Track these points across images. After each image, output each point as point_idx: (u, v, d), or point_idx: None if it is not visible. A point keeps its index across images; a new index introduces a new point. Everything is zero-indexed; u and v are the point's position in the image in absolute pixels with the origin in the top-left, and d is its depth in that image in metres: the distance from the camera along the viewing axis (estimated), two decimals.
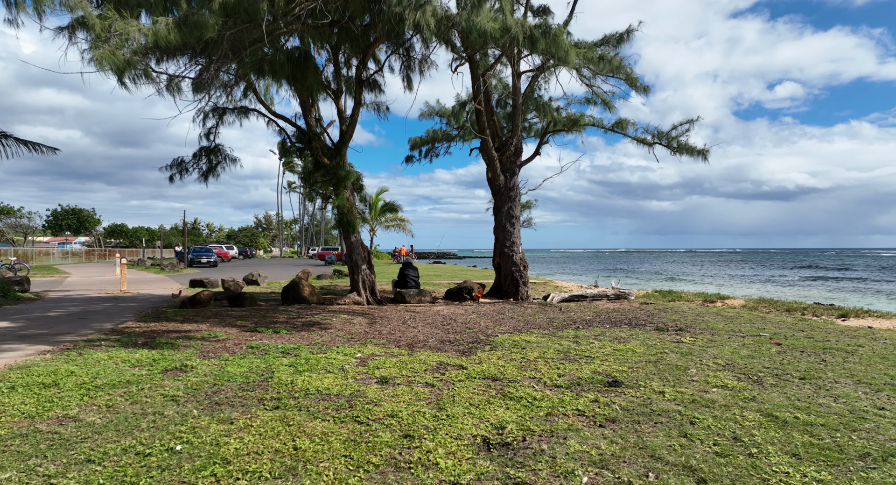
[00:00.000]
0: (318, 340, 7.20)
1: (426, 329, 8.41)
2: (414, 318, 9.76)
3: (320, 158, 12.24)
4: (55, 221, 63.95)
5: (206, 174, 13.06)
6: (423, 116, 16.96)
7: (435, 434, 3.52)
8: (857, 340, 7.52)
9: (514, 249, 13.24)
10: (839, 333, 8.23)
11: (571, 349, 6.68)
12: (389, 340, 7.26)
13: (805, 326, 9.22)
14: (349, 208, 12.22)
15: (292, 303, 11.62)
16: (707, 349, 6.74)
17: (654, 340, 7.42)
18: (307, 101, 12.36)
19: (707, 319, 9.93)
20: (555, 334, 7.95)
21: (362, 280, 12.32)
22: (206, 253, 36.54)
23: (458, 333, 8.02)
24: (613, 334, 7.96)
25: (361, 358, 6.09)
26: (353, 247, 12.40)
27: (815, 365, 5.82)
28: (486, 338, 7.60)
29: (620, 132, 12.81)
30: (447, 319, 9.63)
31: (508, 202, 13.10)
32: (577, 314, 10.49)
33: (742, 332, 8.31)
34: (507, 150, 12.60)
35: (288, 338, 7.39)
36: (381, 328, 8.44)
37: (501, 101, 14.62)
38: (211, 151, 13.00)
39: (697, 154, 12.21)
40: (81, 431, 3.55)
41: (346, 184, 11.97)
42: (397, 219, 50.64)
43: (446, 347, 6.82)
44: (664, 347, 6.91)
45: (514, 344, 7.10)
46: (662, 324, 9.18)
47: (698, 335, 7.96)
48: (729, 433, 3.58)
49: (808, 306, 13.00)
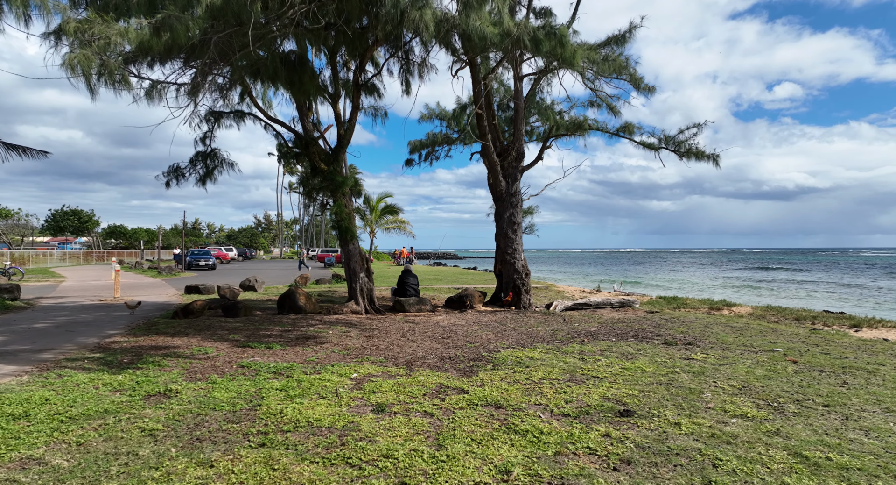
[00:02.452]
0: (312, 358, 6.88)
1: (426, 343, 8.09)
2: (413, 330, 9.44)
3: (318, 163, 11.92)
4: (55, 222, 63.58)
5: (204, 179, 12.74)
6: (424, 119, 16.65)
7: (434, 481, 3.20)
8: (877, 357, 7.20)
9: (516, 256, 12.92)
10: (856, 348, 7.91)
11: (578, 368, 6.36)
12: (387, 357, 6.93)
13: (819, 339, 8.89)
14: (347, 215, 11.90)
15: (288, 312, 11.30)
16: (720, 368, 6.42)
17: (663, 357, 7.10)
18: (304, 104, 12.04)
19: (716, 330, 9.61)
20: (559, 350, 7.64)
21: (360, 289, 12.00)
22: (205, 256, 36.21)
23: (459, 349, 7.70)
24: (620, 350, 7.64)
25: (357, 379, 5.76)
26: (350, 254, 12.08)
27: (837, 388, 5.50)
28: (488, 354, 7.28)
29: (626, 137, 12.47)
30: (447, 331, 9.31)
31: (510, 208, 12.77)
32: (582, 325, 10.17)
33: (754, 346, 7.99)
34: (509, 155, 12.27)
35: (281, 355, 7.06)
36: (379, 343, 8.12)
37: (503, 105, 14.29)
38: (207, 155, 12.68)
39: (707, 158, 11.86)
40: (43, 479, 3.23)
41: (343, 190, 11.65)
42: (398, 221, 50.06)
43: (446, 366, 6.50)
44: (674, 364, 6.59)
45: (518, 361, 6.79)
46: (670, 337, 8.87)
47: (709, 350, 7.64)
48: (758, 480, 3.26)
49: (818, 315, 12.67)
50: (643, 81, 11.21)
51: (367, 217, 49.56)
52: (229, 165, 12.96)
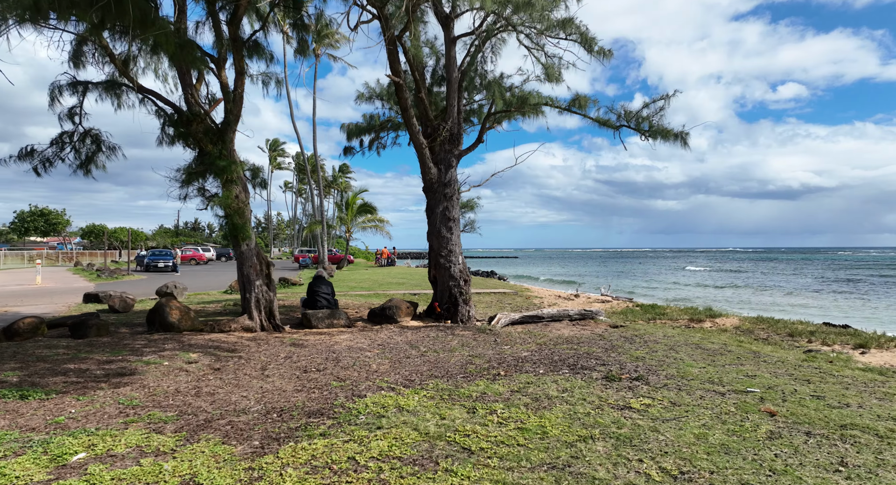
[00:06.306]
0: (73, 414, 4.72)
1: (278, 382, 5.96)
2: (290, 357, 7.31)
3: (205, 144, 9.77)
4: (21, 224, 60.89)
5: (85, 165, 10.59)
6: (361, 99, 14.43)
7: None
8: (892, 405, 5.09)
9: (452, 259, 10.78)
10: (861, 387, 5.80)
11: (450, 431, 4.24)
12: (182, 414, 4.77)
13: (812, 369, 6.78)
14: (239, 208, 9.75)
15: (158, 330, 9.16)
16: (661, 427, 4.31)
17: (588, 406, 4.99)
18: (186, 73, 9.86)
19: (681, 355, 7.50)
20: (454, 392, 5.52)
21: (256, 300, 9.85)
22: (164, 257, 33.89)
23: (316, 391, 5.58)
24: (539, 390, 5.53)
25: (74, 466, 3.63)
26: (244, 258, 9.93)
27: (831, 476, 3.39)
28: (347, 401, 5.17)
29: (578, 112, 10.27)
30: (331, 359, 7.19)
31: (444, 201, 10.62)
32: (515, 348, 8.05)
33: (723, 383, 5.88)
34: (439, 135, 10.12)
35: (33, 410, 4.87)
36: (213, 382, 5.97)
37: (439, 78, 12.09)
38: (80, 136, 10.51)
39: (675, 138, 9.69)
40: None
41: (230, 176, 9.50)
42: (375, 220, 48.06)
43: (255, 429, 4.36)
44: (598, 420, 4.48)
45: (377, 416, 4.68)
46: (619, 366, 6.76)
47: (659, 390, 5.54)
48: None
49: (816, 330, 10.54)
50: (596, 43, 9.05)
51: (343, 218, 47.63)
52: (111, 150, 10.85)
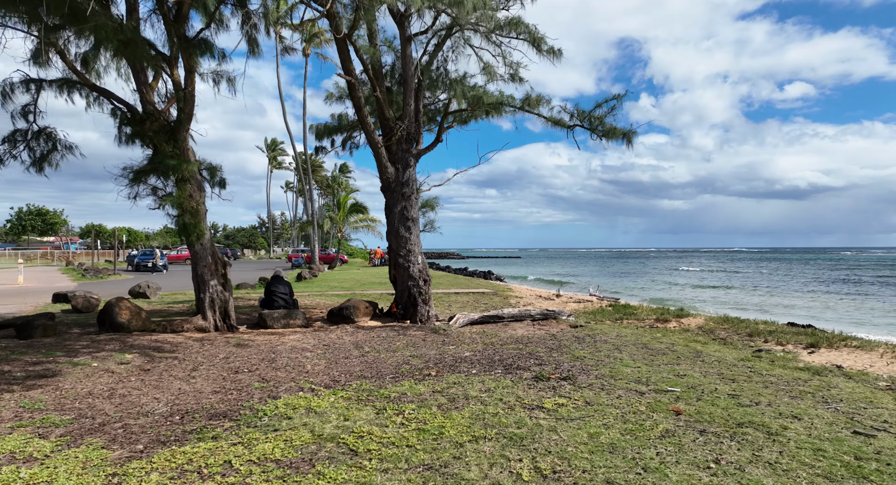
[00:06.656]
0: None
1: (201, 383, 5.93)
2: (228, 357, 7.29)
3: (159, 143, 9.73)
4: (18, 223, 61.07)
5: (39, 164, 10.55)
6: (331, 99, 14.39)
7: None
8: (799, 404, 5.06)
9: (411, 258, 10.75)
10: (781, 387, 5.76)
11: (344, 432, 4.21)
12: (80, 417, 4.73)
13: (746, 368, 6.74)
14: (193, 208, 9.71)
15: (108, 330, 9.13)
16: (560, 427, 4.28)
17: (501, 406, 4.95)
18: (140, 70, 9.83)
19: (623, 355, 7.47)
20: (376, 392, 5.50)
21: (210, 300, 9.81)
22: (150, 257, 33.94)
23: (234, 392, 5.56)
24: (460, 391, 5.50)
25: None
26: (198, 257, 9.89)
27: (697, 473, 3.35)
28: (259, 402, 5.14)
29: (531, 111, 10.20)
30: (268, 359, 7.16)
31: (402, 201, 10.58)
32: (459, 348, 8.02)
33: (649, 383, 5.84)
34: (394, 135, 10.07)
35: None
36: (133, 384, 5.94)
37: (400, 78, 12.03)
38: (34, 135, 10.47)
39: (621, 137, 9.63)
40: None
41: (182, 175, 9.44)
42: (367, 220, 48.09)
43: (143, 435, 4.31)
44: (501, 421, 4.44)
45: (282, 417, 4.65)
46: (554, 366, 6.73)
47: (580, 391, 5.50)
48: None
49: (776, 330, 10.49)
50: (545, 42, 8.97)
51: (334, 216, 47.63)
52: (67, 149, 10.82)
